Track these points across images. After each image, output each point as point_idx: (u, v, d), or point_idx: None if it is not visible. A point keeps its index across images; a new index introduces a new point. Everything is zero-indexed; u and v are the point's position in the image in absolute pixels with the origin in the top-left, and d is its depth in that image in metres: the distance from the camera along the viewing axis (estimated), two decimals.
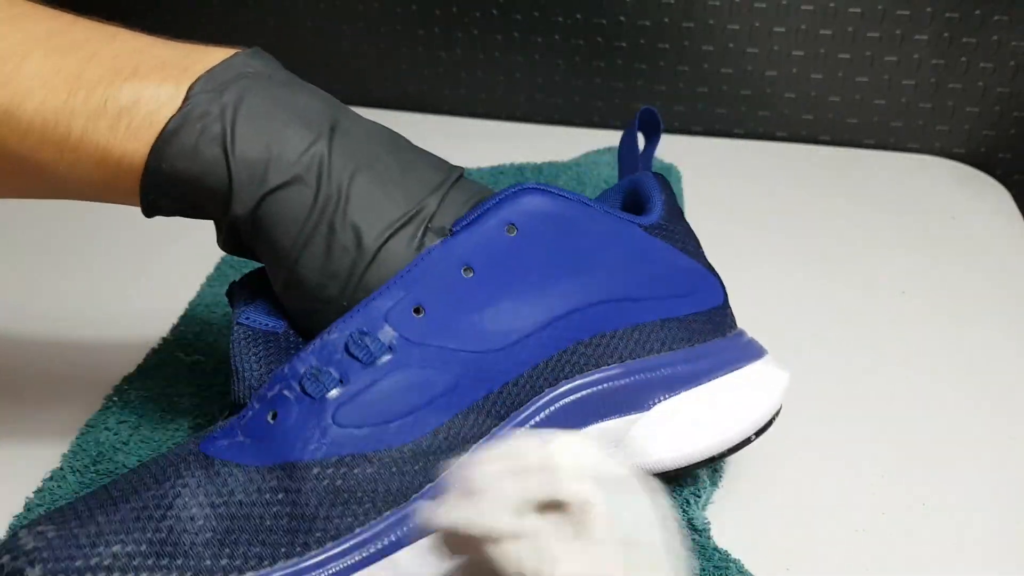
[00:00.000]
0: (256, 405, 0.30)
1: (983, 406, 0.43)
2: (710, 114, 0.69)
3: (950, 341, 0.47)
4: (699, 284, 0.36)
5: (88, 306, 0.52)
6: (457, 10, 0.69)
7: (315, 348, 0.30)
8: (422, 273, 0.30)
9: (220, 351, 0.46)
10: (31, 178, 0.32)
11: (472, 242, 0.31)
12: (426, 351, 0.30)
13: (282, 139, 0.30)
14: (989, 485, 0.38)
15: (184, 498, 0.28)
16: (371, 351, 0.30)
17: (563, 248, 0.32)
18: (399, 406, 0.30)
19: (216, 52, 0.32)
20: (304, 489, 0.28)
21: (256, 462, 0.29)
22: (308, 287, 0.31)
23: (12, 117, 0.30)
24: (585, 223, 0.33)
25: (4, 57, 0.30)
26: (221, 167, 0.30)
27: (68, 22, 0.31)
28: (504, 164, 0.62)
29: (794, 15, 0.63)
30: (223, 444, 0.30)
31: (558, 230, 0.32)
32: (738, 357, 0.36)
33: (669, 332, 0.34)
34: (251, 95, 0.30)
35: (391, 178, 0.31)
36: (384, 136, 0.33)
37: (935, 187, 0.62)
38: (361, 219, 0.30)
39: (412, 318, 0.30)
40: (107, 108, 0.30)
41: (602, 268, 0.33)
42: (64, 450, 0.40)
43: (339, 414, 0.29)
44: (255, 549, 0.27)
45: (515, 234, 0.32)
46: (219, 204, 0.31)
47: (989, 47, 0.61)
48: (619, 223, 0.34)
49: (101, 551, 0.27)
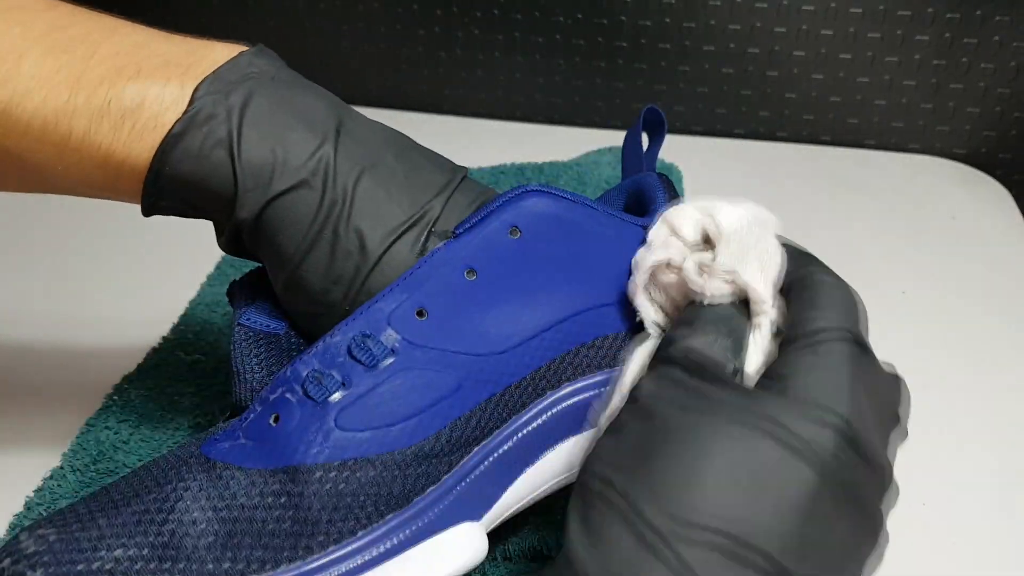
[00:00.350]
0: (258, 408, 0.30)
1: (983, 406, 0.43)
2: (710, 114, 0.69)
3: (950, 341, 0.47)
4: None
5: (88, 306, 0.52)
6: (457, 10, 0.69)
7: (317, 351, 0.30)
8: (425, 276, 0.30)
9: (220, 351, 0.46)
10: (26, 175, 0.31)
11: (475, 245, 0.31)
12: (429, 354, 0.30)
13: (288, 143, 0.30)
14: (989, 485, 0.38)
15: (186, 501, 0.28)
16: (374, 354, 0.30)
17: (566, 251, 0.32)
18: (402, 409, 0.30)
19: (219, 48, 0.31)
20: (306, 493, 0.28)
21: (258, 465, 0.29)
22: (311, 291, 0.31)
23: (11, 116, 0.29)
24: (589, 225, 0.33)
25: (2, 56, 0.29)
26: (227, 171, 0.30)
27: (66, 14, 0.31)
28: (505, 164, 0.62)
29: (795, 15, 0.63)
30: (225, 446, 0.30)
31: (561, 233, 0.32)
32: None
33: None
34: (257, 97, 0.30)
35: (395, 181, 0.31)
36: (388, 136, 0.33)
37: (935, 187, 0.62)
38: (365, 223, 0.30)
39: (415, 321, 0.30)
40: (110, 109, 0.29)
41: (605, 271, 0.33)
42: (64, 449, 0.40)
43: (341, 418, 0.29)
44: (257, 553, 0.27)
45: (518, 237, 0.32)
46: (223, 207, 0.31)
47: (990, 47, 0.61)
48: (622, 225, 0.34)
49: (103, 555, 0.27)
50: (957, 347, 0.47)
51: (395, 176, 0.31)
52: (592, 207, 0.33)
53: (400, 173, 0.31)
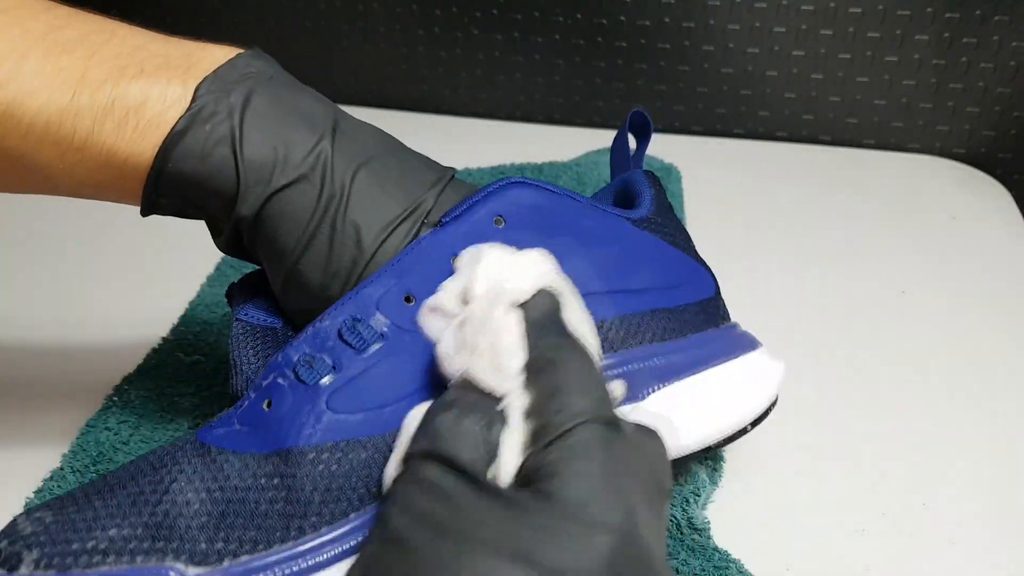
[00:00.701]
0: (252, 394, 0.30)
1: (983, 406, 0.43)
2: (710, 114, 0.69)
3: (950, 341, 0.47)
4: (689, 276, 0.36)
5: (88, 306, 0.52)
6: (457, 10, 0.69)
7: (308, 336, 0.30)
8: (412, 262, 0.31)
9: (220, 351, 0.47)
10: (26, 176, 0.32)
11: (461, 233, 0.31)
12: (417, 338, 0.30)
13: (289, 140, 0.30)
14: (989, 485, 0.38)
15: (180, 483, 0.28)
16: (364, 338, 0.30)
17: (550, 241, 0.32)
18: (392, 392, 0.30)
19: (217, 50, 0.32)
20: (299, 475, 0.29)
21: (252, 449, 0.29)
22: (310, 286, 0.31)
23: (12, 117, 0.29)
24: (573, 217, 0.33)
25: (3, 56, 0.29)
26: (230, 168, 0.30)
27: (64, 15, 0.31)
28: (504, 164, 0.63)
29: (794, 15, 0.63)
30: (220, 432, 0.30)
31: (545, 222, 0.33)
32: (732, 347, 0.36)
33: (660, 322, 0.34)
34: (257, 96, 0.31)
35: (390, 177, 0.32)
36: (380, 137, 0.33)
37: (935, 187, 0.62)
38: (361, 217, 0.31)
39: (403, 306, 0.31)
40: (114, 107, 0.29)
41: (590, 261, 0.33)
42: (64, 450, 0.40)
43: (333, 400, 0.30)
44: (250, 533, 0.28)
45: (503, 226, 0.32)
46: (224, 204, 0.31)
47: (990, 47, 0.61)
48: (607, 216, 0.34)
49: (97, 535, 0.27)
50: (957, 347, 0.47)
51: (389, 172, 0.32)
52: (575, 198, 0.34)
53: (394, 169, 0.32)
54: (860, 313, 0.49)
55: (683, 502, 0.36)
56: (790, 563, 0.35)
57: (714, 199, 0.60)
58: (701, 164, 0.63)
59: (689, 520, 0.35)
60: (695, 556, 0.34)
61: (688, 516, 0.35)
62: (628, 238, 0.34)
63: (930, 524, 0.37)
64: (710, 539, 0.35)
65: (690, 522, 0.35)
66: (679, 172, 0.62)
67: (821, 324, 0.49)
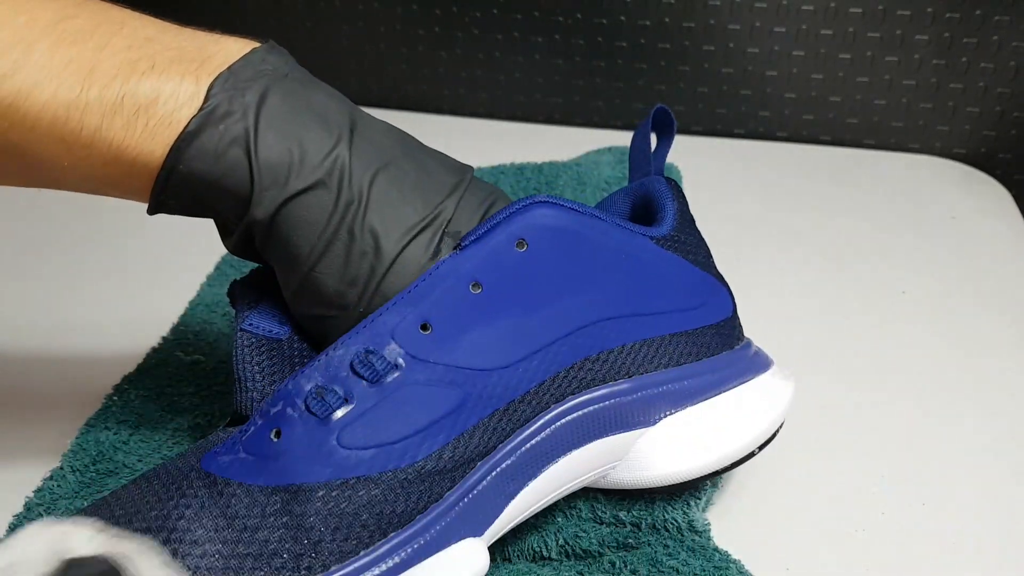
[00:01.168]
0: (259, 421, 0.30)
1: (983, 406, 0.43)
2: (710, 114, 0.69)
3: (950, 341, 0.47)
4: (709, 297, 0.35)
5: (88, 306, 0.52)
6: (457, 10, 0.69)
7: (320, 365, 0.30)
8: (429, 288, 0.30)
9: (220, 351, 0.46)
10: (30, 170, 0.31)
11: (481, 257, 0.30)
12: (432, 369, 0.30)
13: (305, 142, 0.30)
14: (989, 485, 0.38)
15: (187, 520, 0.28)
16: (377, 369, 0.29)
17: (573, 264, 0.32)
18: (404, 426, 0.29)
19: (231, 43, 0.31)
20: (308, 512, 0.28)
21: (259, 481, 0.29)
22: (326, 294, 0.30)
23: (18, 110, 0.28)
24: (596, 238, 0.32)
25: (9, 45, 0.27)
26: (243, 170, 0.29)
27: (72, 4, 0.29)
28: (504, 164, 0.62)
29: (795, 15, 0.63)
30: (225, 460, 0.29)
31: (569, 245, 0.32)
32: (744, 370, 0.36)
33: (677, 347, 0.34)
34: (272, 95, 0.30)
35: (408, 182, 0.31)
36: (397, 137, 0.32)
37: (935, 187, 0.62)
38: (380, 224, 0.30)
39: (419, 335, 0.30)
40: (124, 104, 0.28)
41: (612, 284, 0.32)
42: (64, 450, 0.40)
43: (344, 436, 0.29)
44: (260, 573, 0.27)
45: (525, 249, 0.31)
46: (236, 206, 0.30)
47: (990, 47, 0.61)
48: (631, 237, 0.33)
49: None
50: (957, 347, 0.47)
51: (407, 177, 0.31)
52: (599, 218, 0.33)
53: (412, 174, 0.31)
54: (860, 313, 0.49)
55: (684, 504, 0.36)
56: (790, 563, 0.35)
57: (714, 199, 0.60)
58: (701, 164, 0.63)
59: (689, 522, 0.35)
60: (695, 557, 0.34)
61: (688, 518, 0.35)
62: (651, 259, 0.34)
63: (930, 524, 0.37)
64: (710, 540, 0.35)
65: (690, 524, 0.35)
66: (679, 172, 0.62)
67: (821, 324, 0.49)
